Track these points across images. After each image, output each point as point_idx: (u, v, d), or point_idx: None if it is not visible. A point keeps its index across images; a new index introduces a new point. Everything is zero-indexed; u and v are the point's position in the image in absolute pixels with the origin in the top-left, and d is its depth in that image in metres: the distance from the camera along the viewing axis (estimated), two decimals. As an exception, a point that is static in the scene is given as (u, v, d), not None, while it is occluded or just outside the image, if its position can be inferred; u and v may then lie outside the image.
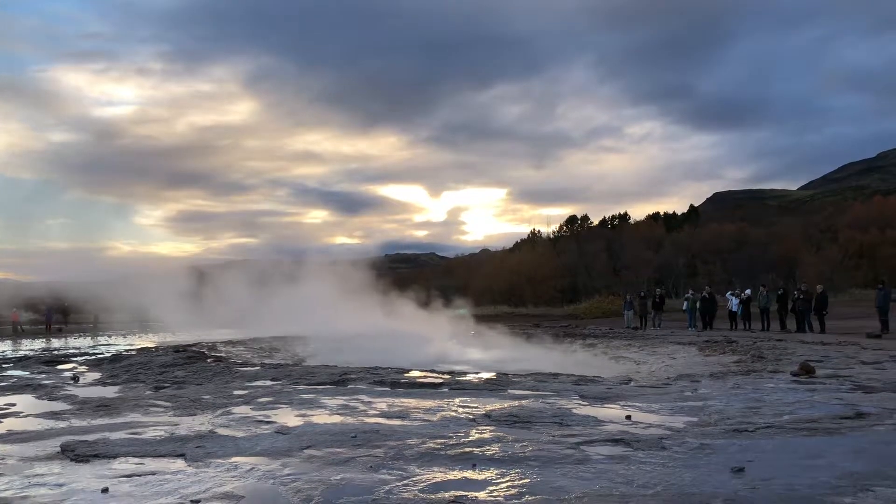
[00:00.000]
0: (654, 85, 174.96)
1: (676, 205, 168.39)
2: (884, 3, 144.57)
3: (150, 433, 6.38)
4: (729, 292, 23.39)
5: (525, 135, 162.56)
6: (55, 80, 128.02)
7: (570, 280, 50.88)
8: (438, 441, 5.70)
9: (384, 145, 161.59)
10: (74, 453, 5.49)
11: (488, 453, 5.26)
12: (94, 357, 15.62)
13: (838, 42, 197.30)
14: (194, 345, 18.43)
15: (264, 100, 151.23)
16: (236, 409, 7.74)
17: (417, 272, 79.54)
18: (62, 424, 7.06)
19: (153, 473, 4.85)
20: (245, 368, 12.59)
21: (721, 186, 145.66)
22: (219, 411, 7.65)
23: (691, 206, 70.58)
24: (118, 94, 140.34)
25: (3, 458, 5.44)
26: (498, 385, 9.52)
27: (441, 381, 10.12)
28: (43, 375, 12.07)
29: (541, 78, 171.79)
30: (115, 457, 5.39)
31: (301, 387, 9.76)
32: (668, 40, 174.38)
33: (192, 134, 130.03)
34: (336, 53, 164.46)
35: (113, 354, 15.82)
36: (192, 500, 4.16)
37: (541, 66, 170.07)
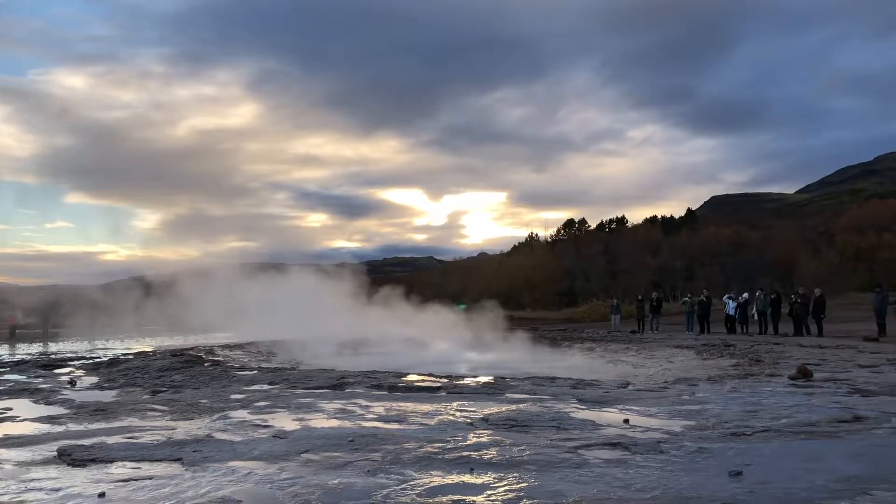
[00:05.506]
0: (655, 88, 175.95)
1: (674, 208, 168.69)
2: (886, 7, 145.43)
3: (147, 437, 6.37)
4: (726, 296, 23.40)
5: (526, 138, 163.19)
6: (57, 84, 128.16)
7: (567, 283, 50.92)
8: (436, 445, 5.69)
9: (385, 149, 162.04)
10: (71, 458, 5.47)
11: (486, 457, 5.25)
12: (91, 361, 15.57)
13: (840, 46, 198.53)
14: (192, 349, 18.40)
15: (266, 103, 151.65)
16: (234, 414, 7.72)
17: (415, 276, 79.55)
18: (59, 429, 7.04)
19: (150, 478, 4.83)
20: (242, 372, 12.57)
21: (720, 190, 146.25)
22: (216, 415, 7.63)
23: (689, 209, 70.74)
24: (120, 98, 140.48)
25: (-1, 463, 5.41)
26: (495, 388, 9.51)
27: (439, 384, 10.12)
28: (40, 379, 12.03)
29: (543, 81, 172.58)
30: (111, 461, 5.37)
31: (299, 391, 9.74)
32: (670, 44, 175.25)
33: (193, 137, 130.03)
34: (339, 57, 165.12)
35: (110, 358, 15.77)
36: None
37: (543, 69, 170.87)
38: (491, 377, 10.91)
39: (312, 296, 25.22)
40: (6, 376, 12.64)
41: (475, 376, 11.40)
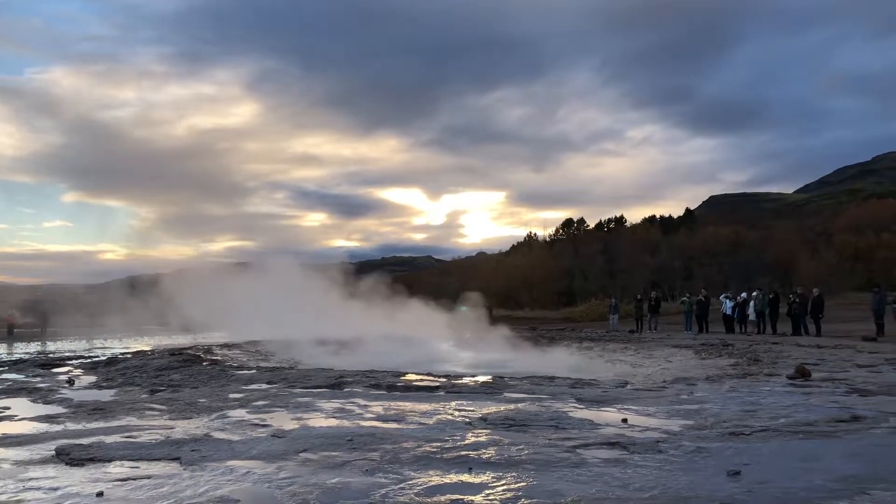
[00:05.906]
0: (655, 88, 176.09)
1: (673, 208, 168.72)
2: (886, 7, 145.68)
3: (145, 437, 6.36)
4: (723, 295, 23.40)
5: (526, 138, 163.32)
6: (56, 83, 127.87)
7: (566, 283, 50.91)
8: (434, 444, 5.69)
9: (384, 148, 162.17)
10: (69, 457, 5.46)
11: (484, 457, 5.25)
12: (89, 360, 15.55)
13: (840, 45, 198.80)
14: (190, 348, 18.38)
15: (265, 102, 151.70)
16: (232, 413, 7.72)
17: (414, 275, 79.48)
18: (57, 428, 7.03)
19: (148, 477, 4.83)
20: (241, 372, 12.56)
21: (719, 190, 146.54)
22: (214, 415, 7.62)
23: (687, 209, 70.76)
24: (119, 97, 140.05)
25: (-3, 462, 5.40)
26: (494, 388, 9.51)
27: (437, 384, 10.12)
28: (38, 379, 12.02)
29: (543, 81, 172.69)
30: (110, 461, 5.36)
31: (297, 390, 9.74)
32: (670, 44, 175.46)
33: (192, 137, 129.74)
34: (339, 57, 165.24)
35: (108, 358, 15.75)
36: (187, 504, 4.14)
37: (543, 69, 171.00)
38: (489, 376, 10.92)
39: (310, 295, 25.21)
40: (4, 375, 12.61)
41: (473, 375, 11.41)
